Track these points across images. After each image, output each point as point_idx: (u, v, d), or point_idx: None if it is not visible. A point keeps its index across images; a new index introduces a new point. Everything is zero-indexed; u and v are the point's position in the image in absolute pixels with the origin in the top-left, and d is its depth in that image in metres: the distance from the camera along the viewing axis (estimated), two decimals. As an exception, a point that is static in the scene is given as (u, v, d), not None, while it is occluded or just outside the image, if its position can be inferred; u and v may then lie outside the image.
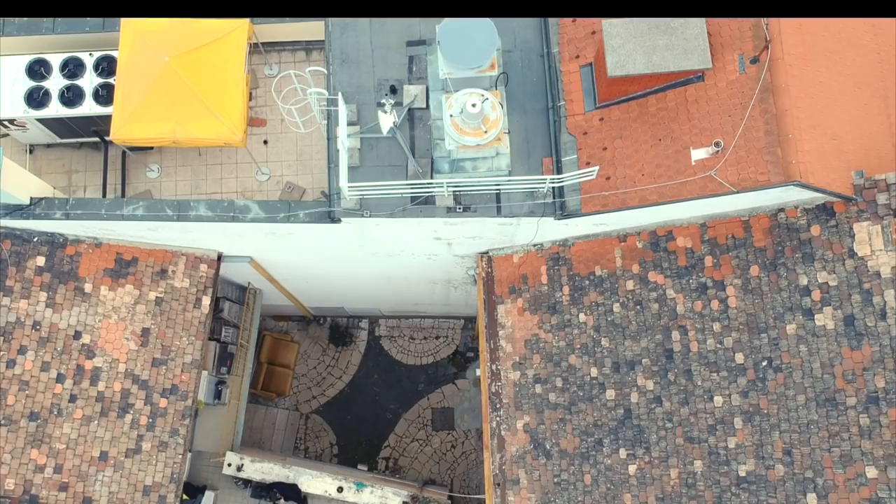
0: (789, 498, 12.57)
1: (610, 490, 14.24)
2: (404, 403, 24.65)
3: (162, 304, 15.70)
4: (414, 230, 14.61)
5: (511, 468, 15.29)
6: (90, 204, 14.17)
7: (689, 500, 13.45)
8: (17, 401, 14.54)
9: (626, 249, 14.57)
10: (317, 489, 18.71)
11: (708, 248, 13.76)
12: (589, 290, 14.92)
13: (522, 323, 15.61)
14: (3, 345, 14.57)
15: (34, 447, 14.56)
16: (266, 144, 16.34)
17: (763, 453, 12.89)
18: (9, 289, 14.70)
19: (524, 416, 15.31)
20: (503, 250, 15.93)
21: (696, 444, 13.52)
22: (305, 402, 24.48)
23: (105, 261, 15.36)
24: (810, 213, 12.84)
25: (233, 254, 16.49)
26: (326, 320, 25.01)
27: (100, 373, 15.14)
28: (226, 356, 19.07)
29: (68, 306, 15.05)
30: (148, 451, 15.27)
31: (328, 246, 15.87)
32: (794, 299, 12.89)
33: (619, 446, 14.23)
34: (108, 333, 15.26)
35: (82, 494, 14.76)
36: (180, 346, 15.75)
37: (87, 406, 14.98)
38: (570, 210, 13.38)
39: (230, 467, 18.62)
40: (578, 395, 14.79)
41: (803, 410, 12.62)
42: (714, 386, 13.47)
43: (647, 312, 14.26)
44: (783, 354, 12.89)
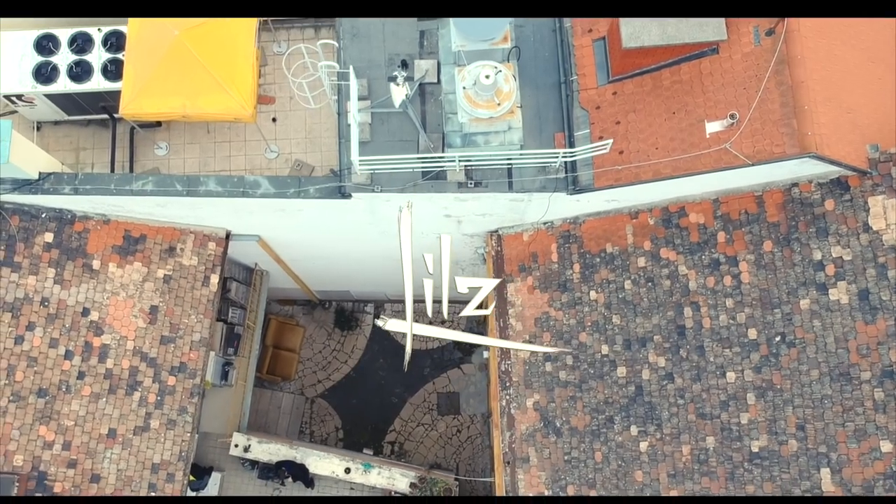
0: (802, 473, 12.53)
1: (621, 467, 14.19)
2: (410, 388, 24.59)
3: (170, 282, 15.62)
4: (424, 206, 14.49)
5: (521, 446, 15.24)
6: (99, 179, 14.08)
7: (702, 476, 13.41)
8: (25, 377, 14.46)
9: (638, 226, 14.50)
10: (324, 470, 18.69)
11: (721, 224, 13.69)
12: (600, 267, 14.86)
13: (532, 301, 15.55)
14: (12, 321, 14.49)
15: (42, 424, 14.49)
16: (275, 122, 16.25)
17: (776, 429, 12.84)
18: (17, 265, 14.61)
19: (534, 394, 15.26)
20: (513, 228, 15.86)
21: (708, 421, 13.47)
22: (311, 386, 24.43)
23: (113, 238, 15.27)
24: (824, 188, 12.77)
25: (241, 232, 16.40)
26: (332, 305, 24.95)
27: (108, 350, 15.07)
28: (233, 337, 19.02)
29: (76, 283, 14.97)
30: (156, 428, 15.21)
31: (337, 224, 15.80)
32: (807, 274, 12.83)
33: (631, 423, 14.18)
34: (116, 311, 15.19)
35: (90, 471, 14.70)
36: (188, 324, 15.68)
37: (95, 383, 14.91)
38: (583, 185, 13.31)
39: (237, 448, 18.60)
40: (589, 373, 14.73)
41: (817, 385, 12.57)
42: (727, 362, 13.41)
43: (659, 289, 14.20)
44: (797, 329, 12.83)
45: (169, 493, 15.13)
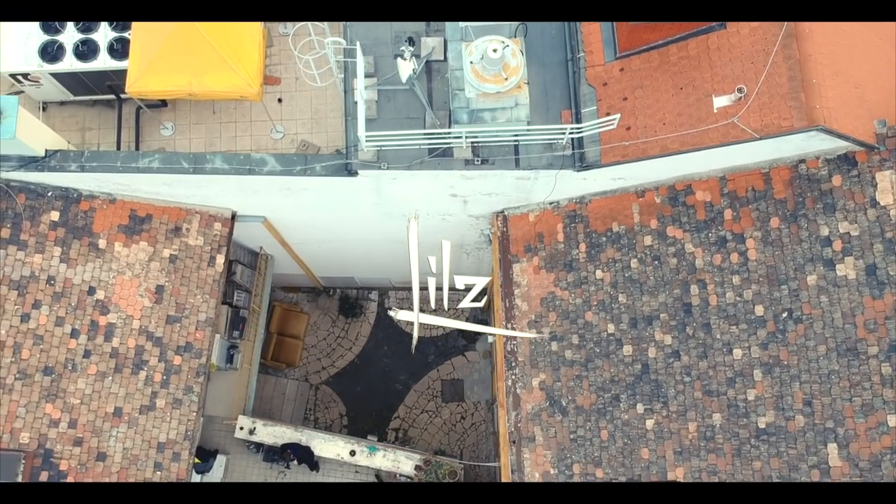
0: (809, 448, 12.52)
1: (627, 445, 14.19)
2: (414, 375, 24.60)
3: (176, 262, 15.63)
4: (430, 185, 14.52)
5: (527, 426, 15.24)
6: (105, 157, 14.08)
7: (708, 452, 13.40)
8: (31, 355, 14.47)
9: (644, 205, 14.49)
10: (329, 453, 18.68)
11: (727, 202, 13.68)
12: (606, 246, 14.85)
13: (538, 281, 15.55)
14: (18, 299, 14.48)
15: (49, 402, 14.49)
16: (280, 103, 16.26)
17: (783, 404, 12.83)
18: (23, 243, 14.61)
19: (540, 373, 15.25)
20: (519, 209, 15.85)
21: (714, 397, 13.46)
22: (315, 372, 24.44)
23: (119, 217, 15.27)
24: (831, 164, 12.75)
25: (247, 213, 16.41)
26: (336, 292, 24.96)
27: (114, 329, 15.07)
28: (238, 320, 19.02)
29: (82, 262, 14.97)
30: (162, 408, 15.22)
31: (343, 204, 15.79)
32: (814, 250, 12.82)
33: (637, 401, 14.17)
34: (122, 290, 15.20)
35: (97, 449, 14.70)
36: (194, 304, 15.68)
37: (101, 362, 14.91)
38: (590, 162, 13.30)
39: (242, 431, 18.60)
40: (595, 352, 14.73)
41: (824, 361, 12.55)
42: (733, 339, 13.40)
43: (666, 267, 14.19)
44: (804, 305, 12.82)
45: (174, 472, 15.14)
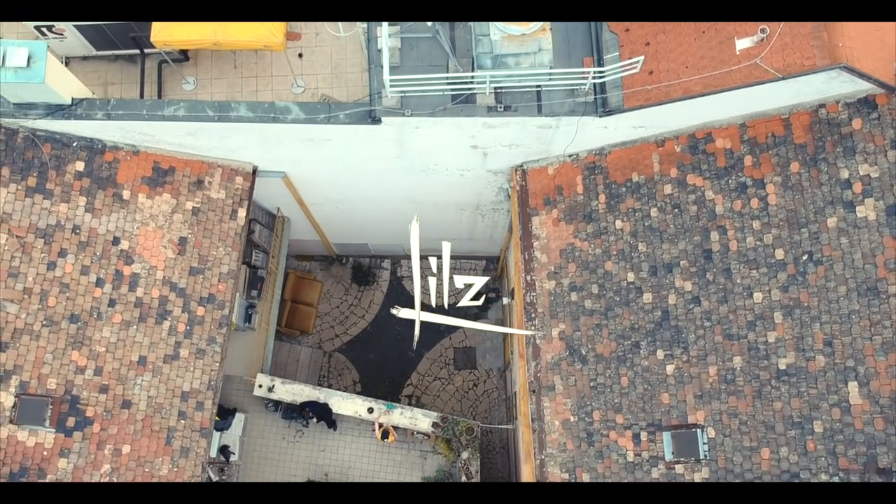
0: (830, 387, 12.68)
1: (647, 391, 14.35)
2: (426, 343, 24.73)
3: (199, 214, 15.77)
4: (451, 135, 14.65)
5: (546, 375, 15.40)
6: (131, 105, 14.22)
7: (729, 395, 13.56)
8: (58, 302, 14.61)
9: (664, 154, 14.64)
10: (347, 410, 18.83)
11: (748, 148, 13.82)
12: (626, 196, 15.00)
13: (557, 233, 15.69)
14: (44, 247, 14.63)
15: (75, 349, 14.64)
16: (301, 58, 16.39)
17: (803, 345, 12.99)
18: (49, 192, 14.75)
19: (559, 323, 15.41)
20: (538, 162, 16.00)
21: (735, 341, 13.62)
22: (328, 340, 24.59)
23: (143, 169, 15.41)
24: (851, 107, 12.90)
25: (268, 168, 16.55)
26: (349, 260, 25.10)
27: (138, 279, 15.22)
28: (256, 280, 19.18)
29: (107, 212, 15.12)
30: (186, 357, 15.37)
31: (363, 157, 15.91)
32: (834, 193, 12.98)
33: (657, 348, 14.33)
34: (146, 240, 15.34)
35: (122, 397, 14.85)
36: (217, 256, 15.83)
37: (126, 311, 15.06)
38: (613, 107, 13.44)
39: (261, 388, 18.74)
40: (615, 301, 14.88)
41: (844, 301, 12.71)
42: (754, 283, 13.56)
43: (686, 215, 14.35)
44: (824, 248, 12.98)
45: (198, 421, 15.29)
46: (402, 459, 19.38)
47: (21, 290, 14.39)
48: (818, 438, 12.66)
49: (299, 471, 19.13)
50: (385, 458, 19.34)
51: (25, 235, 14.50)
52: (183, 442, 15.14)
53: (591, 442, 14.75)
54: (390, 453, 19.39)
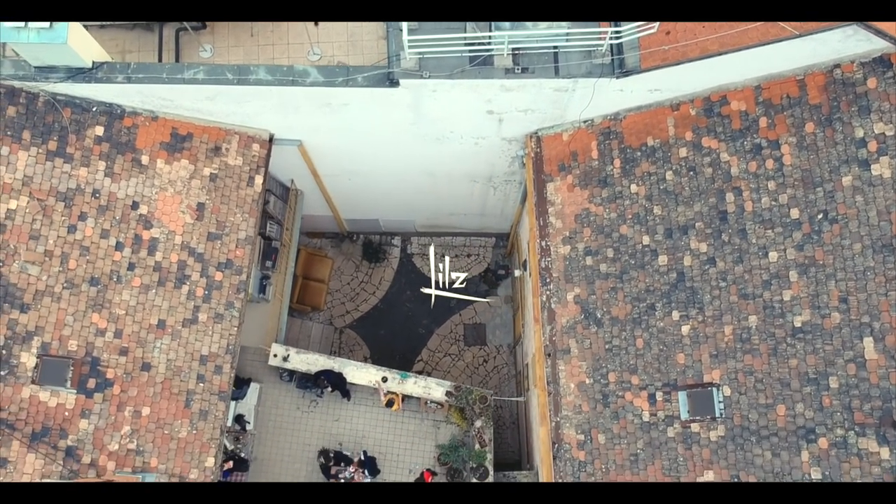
0: (845, 343, 12.80)
1: (662, 351, 14.48)
2: (436, 319, 24.89)
3: (216, 181, 15.90)
4: (468, 99, 14.75)
5: (561, 339, 15.53)
6: (151, 68, 14.33)
7: (744, 354, 13.69)
8: (78, 265, 14.74)
9: (679, 117, 14.76)
10: (361, 380, 18.97)
11: (762, 110, 13.94)
12: (641, 160, 15.12)
13: (572, 198, 15.82)
14: (65, 210, 14.75)
15: (95, 311, 14.77)
16: (317, 26, 16.47)
17: (819, 303, 13.12)
18: (69, 156, 14.88)
19: (574, 287, 15.54)
20: (552, 129, 16.12)
21: (750, 300, 13.75)
22: (339, 316, 24.73)
23: (161, 134, 15.54)
24: (866, 67, 13.01)
25: (284, 136, 16.67)
26: (359, 237, 25.23)
27: (157, 243, 15.35)
28: (270, 251, 19.31)
29: (126, 176, 15.24)
30: (204, 321, 15.50)
31: (379, 124, 16.01)
32: (849, 152, 13.09)
33: (672, 309, 14.46)
34: (164, 205, 15.47)
35: (141, 360, 14.99)
36: (234, 222, 15.96)
37: (145, 275, 15.20)
38: (629, 68, 13.55)
39: (276, 358, 18.87)
40: (630, 264, 15.01)
41: (859, 258, 12.83)
42: (769, 242, 13.69)
43: (701, 177, 14.47)
44: (839, 206, 13.10)
45: (217, 384, 15.44)
46: (416, 429, 19.52)
47: (42, 252, 14.52)
48: (833, 394, 12.79)
49: (313, 440, 19.27)
50: (399, 427, 19.49)
51: (46, 199, 14.63)
52: (202, 405, 15.28)
53: (606, 403, 14.89)
54: (404, 423, 19.53)
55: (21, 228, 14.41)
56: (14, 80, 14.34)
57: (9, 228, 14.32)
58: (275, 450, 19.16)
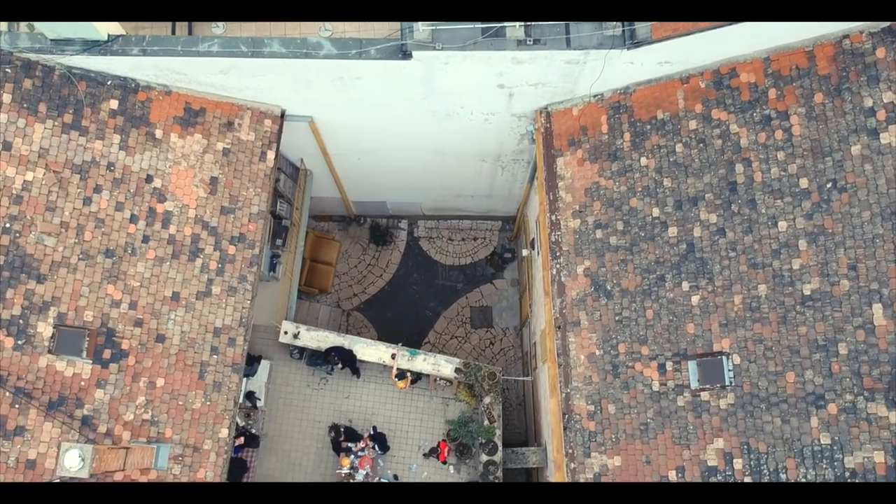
0: (854, 310, 12.95)
1: (672, 322, 14.63)
2: (443, 302, 25.05)
3: (229, 155, 16.03)
4: (479, 72, 14.88)
5: (572, 311, 15.68)
6: (166, 41, 14.45)
7: (753, 322, 13.84)
8: (93, 237, 14.87)
9: (689, 90, 14.90)
10: (371, 356, 19.12)
11: (772, 81, 14.08)
12: (651, 134, 15.26)
13: (582, 173, 15.97)
14: (80, 182, 14.88)
15: (110, 283, 14.90)
16: (328, 3, 16.59)
17: (828, 271, 13.26)
18: (84, 129, 15.01)
19: (585, 261, 15.69)
20: (562, 104, 16.26)
21: (759, 270, 13.89)
22: (347, 299, 24.88)
23: (175, 109, 15.67)
24: (875, 37, 13.15)
25: (295, 112, 16.81)
26: (366, 221, 25.37)
27: (171, 217, 15.49)
28: (281, 230, 19.46)
29: (140, 150, 15.38)
30: (218, 294, 15.64)
31: (391, 98, 16.13)
32: (858, 121, 13.24)
33: (682, 280, 14.60)
34: (178, 179, 15.61)
35: (156, 331, 15.12)
36: (247, 196, 16.10)
37: (159, 248, 15.33)
38: (641, 38, 13.69)
39: (287, 335, 19.02)
40: (640, 236, 15.16)
41: (868, 226, 12.98)
42: (778, 212, 13.83)
43: (711, 149, 14.62)
44: (847, 175, 13.25)
45: (230, 356, 15.58)
46: (425, 406, 19.68)
47: (58, 223, 14.65)
48: (843, 360, 12.94)
49: (323, 417, 19.43)
50: (408, 405, 19.65)
51: (62, 171, 14.76)
52: (215, 376, 15.42)
53: (616, 374, 15.04)
54: (413, 400, 19.69)
55: (37, 200, 14.54)
56: (30, 53, 14.47)
57: (25, 200, 14.45)
58: (285, 426, 19.32)
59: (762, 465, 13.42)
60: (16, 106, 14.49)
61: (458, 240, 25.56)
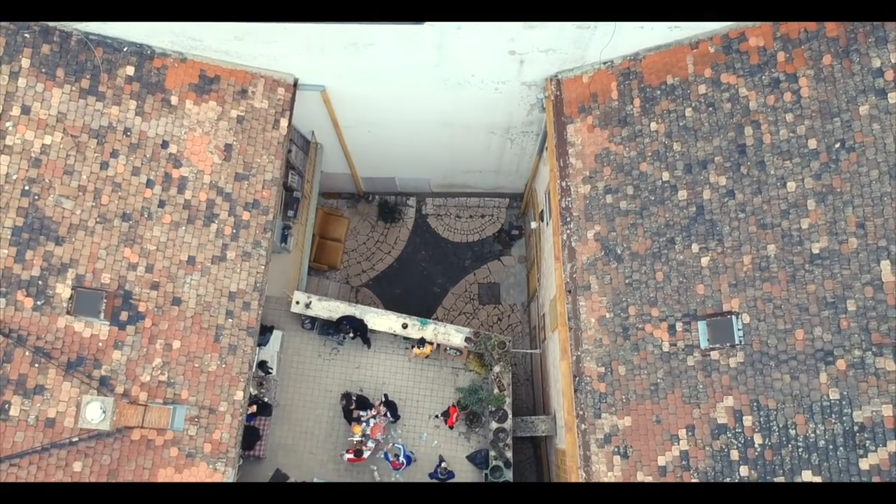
0: (863, 267, 13.13)
1: (682, 283, 14.81)
2: (451, 278, 25.24)
3: (243, 123, 16.22)
4: (492, 38, 15.04)
5: (582, 275, 15.87)
6: (182, 5, 14.61)
7: (763, 282, 14.02)
8: (110, 201, 15.07)
9: (699, 55, 15.07)
10: (382, 326, 19.32)
11: (780, 44, 14.25)
12: (660, 99, 15.44)
13: (592, 139, 16.15)
14: (97, 147, 15.08)
15: (127, 246, 15.10)
16: (341, -28, 16.76)
17: (836, 229, 13.44)
18: (101, 94, 15.20)
19: (595, 225, 15.88)
20: (572, 71, 16.44)
21: (768, 230, 14.08)
22: (356, 275, 25.09)
23: (190, 76, 15.86)
24: (884, -2, 13.30)
25: (308, 81, 16.99)
26: (375, 198, 25.56)
27: (186, 182, 15.68)
28: (292, 201, 19.65)
29: (156, 116, 15.57)
30: (232, 259, 15.84)
31: (403, 66, 16.29)
32: (866, 82, 13.40)
33: (692, 241, 14.79)
34: (193, 145, 15.80)
35: (172, 294, 15.33)
36: (261, 163, 16.29)
37: (175, 212, 15.53)
38: (651, 1, 13.84)
39: (298, 305, 19.22)
40: (650, 200, 15.34)
41: (876, 184, 13.15)
42: (787, 173, 14.01)
43: (720, 113, 14.79)
44: (856, 135, 13.41)
45: (245, 320, 15.78)
46: (435, 376, 19.88)
47: (76, 187, 14.85)
48: (851, 316, 13.12)
49: (335, 387, 19.63)
50: (418, 374, 19.85)
51: (80, 135, 14.95)
52: (231, 340, 15.63)
53: (626, 336, 15.23)
54: (423, 370, 19.89)
55: (56, 163, 14.74)
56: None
57: (44, 163, 14.64)
58: (297, 396, 19.52)
59: (772, 422, 13.61)
60: (34, 70, 14.68)
61: (466, 217, 25.76)
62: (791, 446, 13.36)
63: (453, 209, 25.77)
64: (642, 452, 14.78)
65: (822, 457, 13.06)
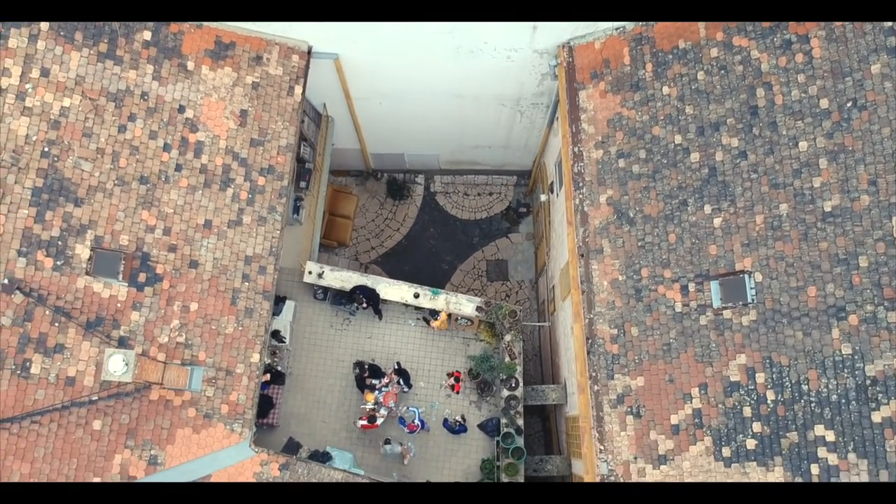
0: (874, 224, 13.27)
1: (695, 244, 14.97)
2: (460, 255, 25.40)
3: (258, 89, 16.37)
4: (506, 2, 15.19)
5: (594, 239, 16.02)
6: (200, -30, 14.75)
7: (775, 241, 14.17)
8: (128, 164, 15.21)
9: (710, 19, 15.22)
10: (394, 296, 19.46)
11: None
12: (672, 63, 15.59)
13: (604, 104, 16.30)
14: (115, 110, 15.22)
15: (145, 209, 15.25)
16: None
17: (848, 187, 13.59)
18: (119, 58, 15.34)
19: (607, 190, 16.03)
20: (584, 38, 16.59)
21: (781, 189, 14.23)
22: (364, 252, 25.24)
23: (206, 42, 16.00)
24: (895, -42, 13.45)
25: (322, 49, 17.13)
26: (383, 175, 25.71)
27: (202, 146, 15.83)
28: (304, 172, 19.79)
29: (173, 81, 15.71)
30: (248, 224, 15.99)
31: (417, 31, 16.40)
32: (878, 41, 13.55)
33: (704, 203, 14.94)
34: (209, 111, 15.94)
35: (189, 257, 15.47)
36: (276, 129, 16.44)
37: (191, 176, 15.67)
38: (664, -38, 14.00)
39: (311, 275, 19.36)
40: (662, 163, 15.50)
41: (888, 142, 13.30)
42: (799, 133, 14.16)
43: (732, 75, 14.94)
44: (867, 94, 13.56)
45: (261, 284, 15.93)
46: (446, 346, 20.03)
47: (94, 149, 14.99)
48: (863, 272, 13.27)
49: (347, 356, 19.77)
50: (429, 344, 19.99)
51: (98, 98, 15.10)
52: (247, 303, 15.78)
53: (639, 298, 15.38)
54: (434, 340, 20.04)
55: (74, 126, 14.88)
56: (67, -18, 14.79)
57: (63, 125, 14.78)
58: (310, 366, 19.67)
59: (784, 378, 13.76)
60: (53, 34, 14.82)
61: (474, 195, 25.92)
62: (804, 401, 13.51)
63: (461, 187, 25.93)
64: (655, 412, 14.93)
65: (835, 411, 13.21)
